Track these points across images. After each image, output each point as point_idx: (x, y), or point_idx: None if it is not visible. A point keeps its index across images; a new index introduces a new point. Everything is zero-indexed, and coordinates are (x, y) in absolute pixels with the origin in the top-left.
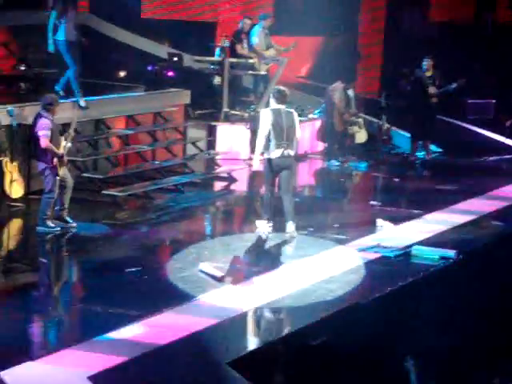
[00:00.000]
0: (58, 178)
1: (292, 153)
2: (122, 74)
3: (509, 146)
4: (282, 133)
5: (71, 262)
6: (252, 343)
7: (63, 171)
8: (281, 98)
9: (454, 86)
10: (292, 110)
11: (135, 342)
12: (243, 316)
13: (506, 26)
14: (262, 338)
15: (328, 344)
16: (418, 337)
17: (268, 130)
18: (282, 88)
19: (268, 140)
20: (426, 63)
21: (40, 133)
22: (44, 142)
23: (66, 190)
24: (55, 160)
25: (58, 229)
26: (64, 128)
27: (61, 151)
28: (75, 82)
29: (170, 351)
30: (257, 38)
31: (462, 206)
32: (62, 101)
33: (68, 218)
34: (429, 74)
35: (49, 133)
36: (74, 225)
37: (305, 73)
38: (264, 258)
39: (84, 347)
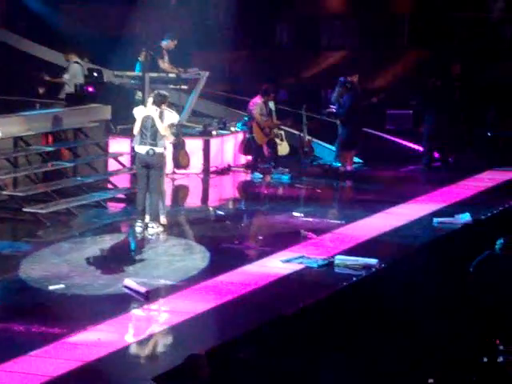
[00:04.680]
0: None
1: (158, 150)
2: (41, 90)
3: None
4: (146, 131)
5: None
6: (178, 358)
7: None
8: (157, 100)
9: (374, 100)
10: (165, 110)
11: (59, 361)
12: (169, 330)
13: None
14: (187, 352)
15: (253, 357)
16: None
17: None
18: (163, 92)
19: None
20: (355, 79)
21: None
22: None
23: None
24: None
25: None
26: None
27: None
28: None
29: (96, 368)
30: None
31: (383, 215)
32: None
33: None
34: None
35: None
36: None
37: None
38: (185, 274)
39: (5, 367)
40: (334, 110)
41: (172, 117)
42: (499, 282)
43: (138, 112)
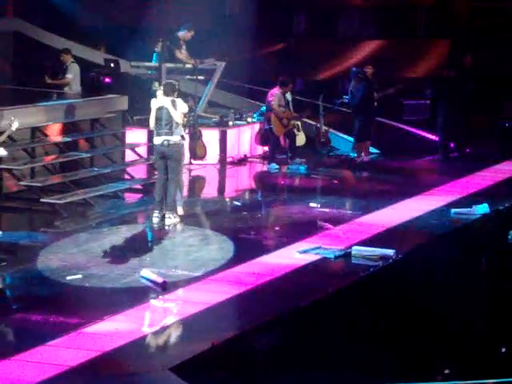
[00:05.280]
0: None
1: (174, 140)
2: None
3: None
4: (161, 121)
5: (10, 270)
6: (195, 348)
7: None
8: (167, 90)
9: (391, 91)
10: (177, 99)
11: (77, 350)
12: (186, 321)
13: None
14: (204, 342)
15: (271, 347)
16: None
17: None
18: (170, 81)
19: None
20: (370, 70)
21: None
22: None
23: None
24: None
25: None
26: None
27: None
28: None
29: (113, 358)
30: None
31: (400, 205)
32: None
33: None
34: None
35: None
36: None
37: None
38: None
39: (24, 357)
40: (347, 101)
41: (184, 106)
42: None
43: (153, 104)
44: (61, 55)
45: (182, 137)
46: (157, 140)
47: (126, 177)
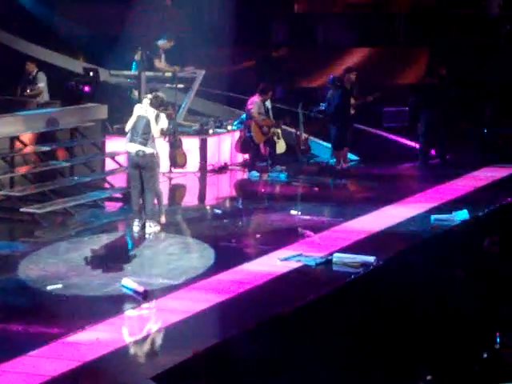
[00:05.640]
0: None
1: (148, 151)
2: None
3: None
4: (138, 130)
5: None
6: (176, 357)
7: None
8: (154, 102)
9: (370, 98)
10: (161, 114)
11: (58, 360)
12: (167, 329)
13: None
14: (185, 351)
15: (251, 356)
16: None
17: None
18: (160, 94)
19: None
20: (353, 76)
21: None
22: None
23: None
24: None
25: None
26: None
27: None
28: None
29: (95, 368)
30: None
31: (380, 212)
32: None
33: None
34: (348, 86)
35: None
36: None
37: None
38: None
39: (5, 368)
40: (323, 108)
41: (165, 122)
42: None
43: (136, 110)
44: (26, 64)
45: (156, 149)
46: (130, 147)
47: (106, 186)
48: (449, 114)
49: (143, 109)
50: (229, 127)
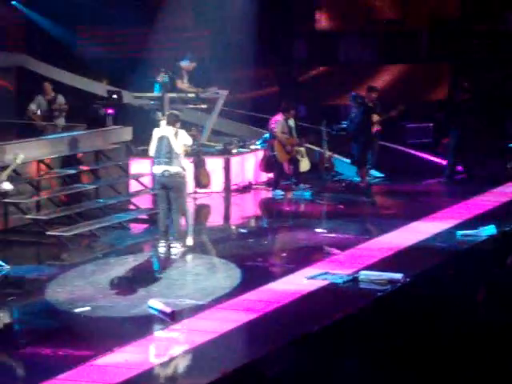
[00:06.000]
0: None
1: (174, 170)
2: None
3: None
4: (161, 151)
5: (17, 304)
6: (205, 377)
7: None
8: (169, 120)
9: (394, 113)
10: (180, 130)
11: (87, 383)
12: (195, 350)
13: None
14: (215, 371)
15: (281, 375)
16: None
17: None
18: (173, 111)
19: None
20: (375, 95)
21: None
22: None
23: None
24: None
25: None
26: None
27: None
28: None
29: None
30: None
31: (406, 229)
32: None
33: None
34: (370, 104)
35: None
36: (7, 267)
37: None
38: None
39: None
40: (345, 126)
41: (187, 138)
42: None
43: (155, 133)
44: (44, 85)
45: (183, 168)
46: (156, 169)
47: (131, 207)
48: (474, 129)
49: (161, 130)
50: (252, 146)
